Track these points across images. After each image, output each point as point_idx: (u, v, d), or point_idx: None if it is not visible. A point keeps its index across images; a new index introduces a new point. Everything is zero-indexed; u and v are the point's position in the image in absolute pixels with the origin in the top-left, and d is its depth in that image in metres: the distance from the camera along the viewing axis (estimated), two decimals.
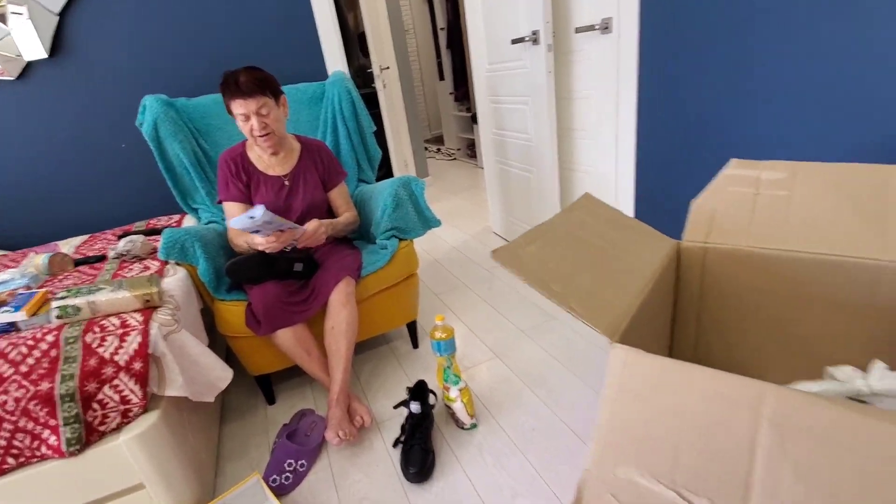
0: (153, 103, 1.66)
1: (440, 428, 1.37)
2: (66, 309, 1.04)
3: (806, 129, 1.25)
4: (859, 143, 1.09)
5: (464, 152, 4.97)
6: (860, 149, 1.09)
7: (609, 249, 0.50)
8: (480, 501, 1.13)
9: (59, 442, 0.96)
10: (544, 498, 1.11)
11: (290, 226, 1.35)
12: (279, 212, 1.49)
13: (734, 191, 0.57)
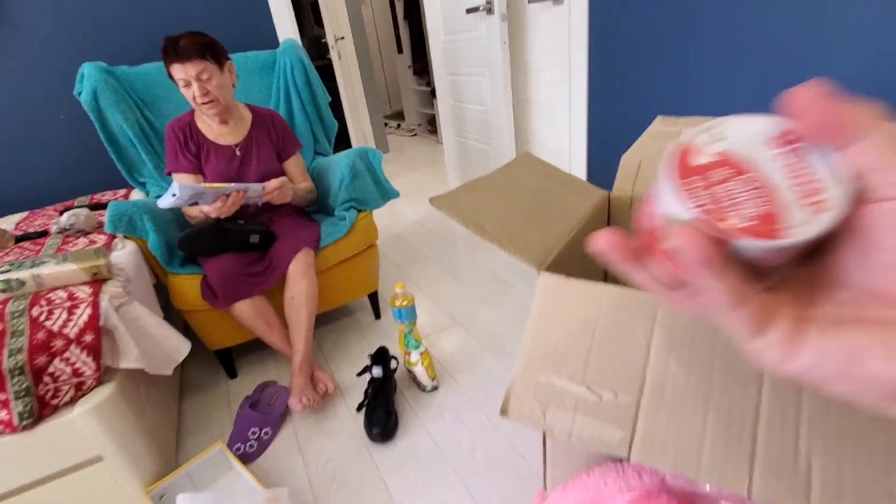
0: (92, 71, 1.57)
1: (402, 392, 1.42)
2: (9, 283, 1.00)
3: (739, 91, 1.35)
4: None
5: (424, 128, 4.94)
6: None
7: (542, 199, 0.55)
8: (441, 455, 1.20)
9: (10, 416, 0.93)
10: (500, 446, 1.19)
11: (235, 188, 1.31)
12: (231, 182, 1.46)
13: (657, 145, 0.62)
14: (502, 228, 0.45)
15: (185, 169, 1.45)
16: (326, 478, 1.17)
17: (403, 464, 1.19)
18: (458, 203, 0.47)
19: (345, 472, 1.18)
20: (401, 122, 5.33)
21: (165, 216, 1.42)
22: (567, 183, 0.60)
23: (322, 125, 1.94)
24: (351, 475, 1.17)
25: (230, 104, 1.46)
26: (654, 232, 0.21)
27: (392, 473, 1.17)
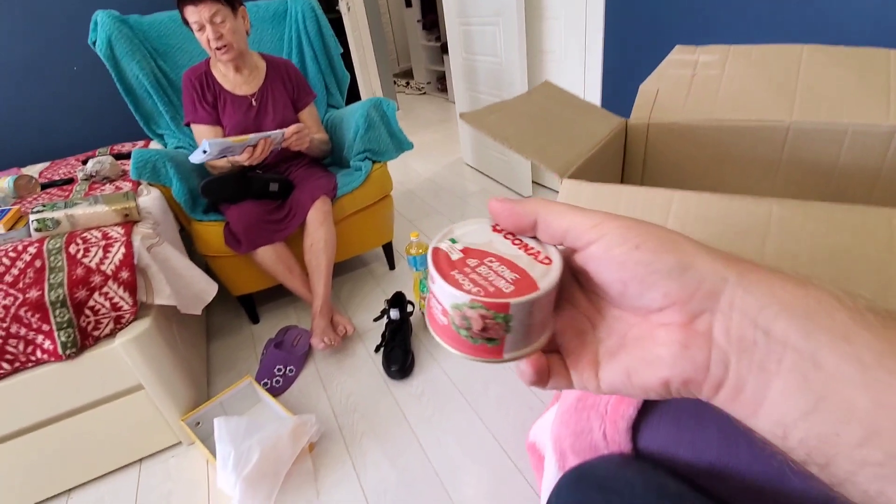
0: (105, 19, 1.57)
1: (418, 334, 1.49)
2: (45, 222, 1.05)
3: (754, 17, 1.34)
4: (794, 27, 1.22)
5: (434, 86, 4.85)
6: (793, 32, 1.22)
7: (562, 122, 0.57)
8: (456, 390, 1.27)
9: (54, 346, 1.01)
10: (512, 384, 1.25)
11: (260, 137, 1.34)
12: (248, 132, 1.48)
13: (674, 73, 0.63)
14: (526, 143, 0.48)
15: (203, 120, 1.47)
16: (349, 409, 1.25)
17: (421, 396, 1.26)
18: (484, 120, 0.50)
19: (366, 405, 1.26)
20: (410, 80, 5.23)
21: (186, 165, 1.45)
22: (586, 110, 0.62)
23: (334, 77, 1.93)
24: (372, 407, 1.25)
25: (244, 51, 1.46)
26: (448, 327, 0.24)
27: (410, 406, 1.24)
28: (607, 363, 0.25)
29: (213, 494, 1.09)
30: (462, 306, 0.23)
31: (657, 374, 0.22)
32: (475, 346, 0.24)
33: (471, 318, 0.23)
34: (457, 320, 0.23)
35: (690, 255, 0.21)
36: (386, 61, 3.75)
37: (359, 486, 1.06)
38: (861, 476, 0.18)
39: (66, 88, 1.90)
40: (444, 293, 0.23)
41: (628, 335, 0.24)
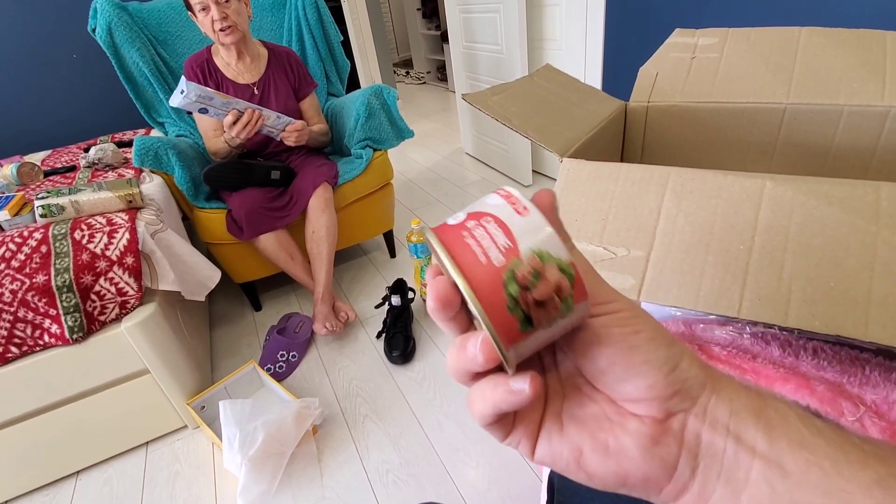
0: (105, 6, 1.56)
1: (419, 321, 1.50)
2: (49, 208, 1.06)
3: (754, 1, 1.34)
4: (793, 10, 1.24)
5: (434, 75, 4.83)
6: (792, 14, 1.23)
7: (563, 104, 0.58)
8: None
9: (61, 330, 1.02)
10: None
11: (248, 106, 1.31)
12: None
13: (674, 56, 0.64)
14: (527, 123, 0.49)
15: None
16: (351, 393, 1.27)
17: (422, 381, 1.28)
18: (486, 101, 0.51)
19: (368, 389, 1.28)
20: (409, 69, 5.21)
21: (188, 153, 1.46)
22: (587, 92, 0.63)
23: (335, 65, 1.93)
24: (374, 391, 1.27)
25: (247, 34, 1.46)
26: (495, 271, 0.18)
27: (411, 390, 1.26)
28: (553, 433, 0.22)
29: (219, 475, 1.11)
30: (550, 258, 0.18)
31: (616, 465, 0.21)
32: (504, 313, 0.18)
33: (546, 281, 0.18)
34: (521, 271, 0.18)
35: (679, 355, 0.21)
36: (386, 50, 3.73)
37: (362, 467, 1.08)
38: None
39: (66, 76, 1.90)
40: (535, 231, 0.18)
41: (589, 412, 0.22)
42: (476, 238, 0.19)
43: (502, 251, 0.18)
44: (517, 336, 0.19)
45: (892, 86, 0.52)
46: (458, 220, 0.20)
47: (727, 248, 0.35)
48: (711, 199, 0.36)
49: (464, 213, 0.20)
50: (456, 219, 0.20)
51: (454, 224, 0.20)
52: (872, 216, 0.32)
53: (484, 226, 0.19)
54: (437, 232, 0.20)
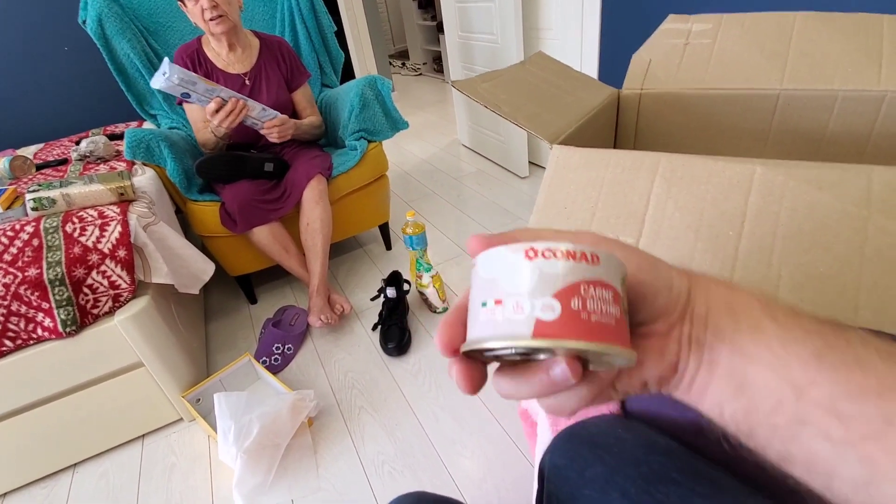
0: None
1: (415, 313, 1.50)
2: (41, 201, 1.05)
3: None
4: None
5: (430, 66, 4.79)
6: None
7: (554, 92, 0.57)
8: None
9: (54, 323, 1.02)
10: None
11: (232, 94, 1.27)
12: None
13: (667, 42, 0.63)
14: (518, 111, 0.49)
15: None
16: (347, 385, 1.27)
17: (418, 373, 1.28)
18: (477, 88, 0.50)
19: (364, 381, 1.28)
20: (405, 60, 5.17)
21: (180, 146, 1.45)
22: (579, 80, 0.62)
23: (328, 55, 1.90)
24: (369, 383, 1.27)
25: (237, 24, 1.43)
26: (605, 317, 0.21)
27: (407, 382, 1.26)
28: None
29: (215, 467, 1.11)
30: (625, 278, 0.22)
31: (639, 377, 0.24)
32: (618, 329, 0.21)
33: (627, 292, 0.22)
34: (625, 301, 0.22)
35: (668, 272, 0.24)
36: (381, 41, 3.69)
37: (357, 458, 1.08)
38: (775, 440, 0.21)
39: (57, 69, 1.87)
40: (613, 268, 0.21)
41: None
42: (597, 312, 0.20)
43: (613, 302, 0.21)
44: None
45: (889, 70, 0.51)
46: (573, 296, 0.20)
47: (717, 235, 0.34)
48: (701, 185, 0.36)
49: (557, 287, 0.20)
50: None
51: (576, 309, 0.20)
52: (863, 201, 0.31)
53: (593, 295, 0.20)
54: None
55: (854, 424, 0.19)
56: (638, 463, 0.38)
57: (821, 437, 0.20)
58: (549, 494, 0.43)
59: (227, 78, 1.48)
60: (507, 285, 0.20)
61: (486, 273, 0.21)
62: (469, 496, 0.97)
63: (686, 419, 0.43)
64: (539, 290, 0.20)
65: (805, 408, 0.20)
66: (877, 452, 0.18)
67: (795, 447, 0.21)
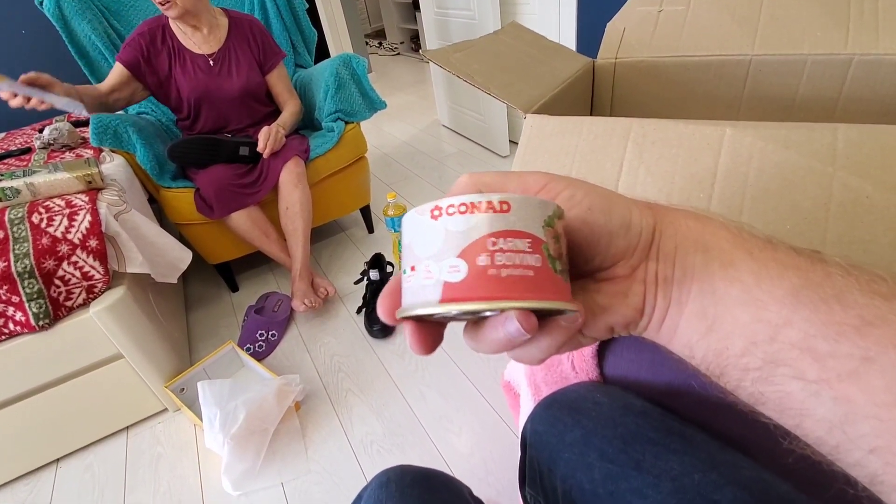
0: None
1: None
2: (3, 191, 1.01)
3: None
4: None
5: (407, 46, 4.70)
6: None
7: (528, 62, 0.56)
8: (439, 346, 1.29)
9: (26, 317, 0.99)
10: None
11: (10, 87, 1.12)
12: (209, 95, 1.43)
13: (641, 10, 0.63)
14: (491, 80, 0.48)
15: (123, 58, 1.37)
16: (333, 369, 1.27)
17: (404, 353, 1.28)
18: (449, 58, 0.49)
19: (350, 364, 1.28)
20: (382, 40, 5.05)
21: (149, 131, 1.40)
22: (553, 50, 0.62)
23: (301, 34, 1.85)
24: (356, 366, 1.27)
25: (193, 9, 1.34)
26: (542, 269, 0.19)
27: (393, 363, 1.27)
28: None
29: (202, 455, 1.11)
30: (554, 219, 0.19)
31: (603, 322, 0.23)
32: (565, 286, 0.20)
33: (560, 235, 0.19)
34: (552, 248, 0.19)
35: (627, 210, 0.22)
36: (356, 20, 3.60)
37: (346, 440, 1.09)
38: (746, 381, 0.20)
39: (15, 54, 1.78)
40: (528, 212, 0.19)
41: (576, 291, 0.24)
42: (495, 260, 0.18)
43: (531, 245, 0.19)
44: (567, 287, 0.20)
45: (855, 33, 0.51)
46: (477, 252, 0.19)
47: (687, 198, 0.35)
48: (672, 148, 0.36)
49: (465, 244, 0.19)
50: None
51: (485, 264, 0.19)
52: (829, 158, 0.32)
53: (502, 247, 0.19)
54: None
55: (830, 363, 0.18)
56: (615, 424, 0.38)
57: (794, 377, 0.19)
58: (531, 460, 0.44)
59: (193, 58, 1.42)
60: (419, 250, 0.19)
61: (405, 239, 0.21)
62: (457, 470, 0.99)
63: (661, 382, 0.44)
64: (445, 250, 0.19)
65: (779, 348, 0.19)
66: (853, 391, 0.17)
67: (767, 388, 0.20)
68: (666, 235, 0.22)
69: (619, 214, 0.22)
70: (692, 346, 0.22)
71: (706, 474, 0.32)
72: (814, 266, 0.20)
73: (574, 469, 0.38)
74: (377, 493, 0.42)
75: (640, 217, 0.22)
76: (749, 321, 0.20)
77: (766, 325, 0.19)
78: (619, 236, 0.22)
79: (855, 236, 0.30)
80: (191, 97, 1.43)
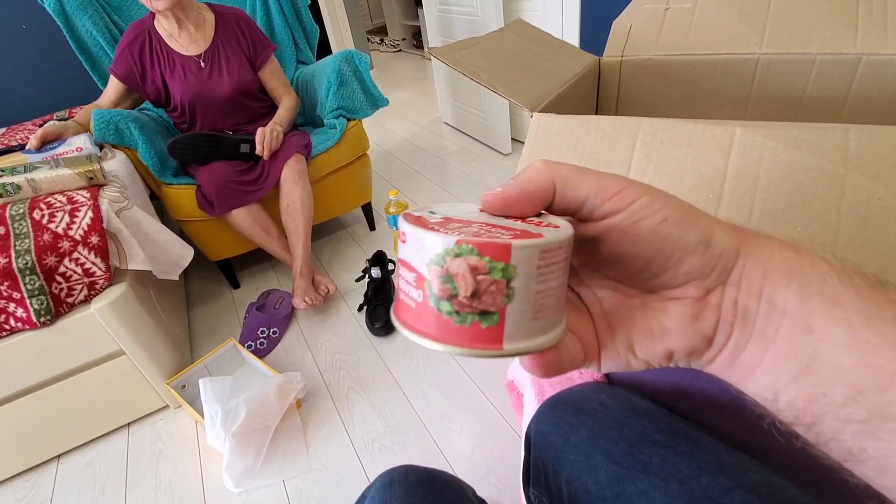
0: None
1: None
2: (4, 187, 1.00)
3: None
4: None
5: (409, 43, 4.68)
6: None
7: (534, 59, 0.56)
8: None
9: (27, 314, 0.98)
10: None
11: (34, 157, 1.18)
12: (202, 98, 1.42)
13: (648, 7, 0.62)
14: (496, 78, 0.47)
15: (119, 74, 1.38)
16: (335, 366, 1.27)
17: (405, 351, 1.28)
18: (455, 55, 0.49)
19: (351, 362, 1.28)
20: (384, 37, 5.04)
21: (151, 127, 1.40)
22: (559, 48, 0.61)
23: (303, 30, 1.84)
24: (357, 364, 1.27)
25: (188, 2, 1.34)
26: (425, 306, 0.18)
27: (395, 361, 1.27)
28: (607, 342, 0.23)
29: (203, 452, 1.11)
30: (444, 257, 0.17)
31: (663, 346, 0.22)
32: (463, 329, 0.18)
33: (456, 275, 0.17)
34: (436, 287, 0.18)
35: (709, 228, 0.20)
36: (358, 16, 3.58)
37: (347, 437, 1.09)
38: (845, 434, 0.18)
39: (15, 49, 1.78)
40: (418, 247, 0.18)
41: (627, 308, 0.23)
42: (400, 287, 0.20)
43: (416, 282, 0.18)
44: (491, 334, 0.18)
45: (864, 33, 0.51)
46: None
47: (696, 198, 0.34)
48: (681, 147, 0.35)
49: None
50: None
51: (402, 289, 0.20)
52: (840, 159, 0.31)
53: (402, 262, 0.20)
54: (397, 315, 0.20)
55: None
56: (621, 426, 0.38)
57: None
58: (535, 461, 0.44)
59: (183, 62, 1.40)
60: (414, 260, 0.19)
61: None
62: (458, 469, 0.99)
63: (667, 383, 0.44)
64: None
65: (891, 400, 0.17)
66: None
67: (871, 443, 0.17)
68: (753, 261, 0.20)
69: (697, 230, 0.20)
70: (777, 390, 0.20)
71: (714, 477, 0.32)
72: None
73: (580, 471, 0.38)
74: (381, 493, 0.42)
75: (723, 237, 0.21)
76: (854, 366, 0.18)
77: (876, 372, 0.17)
78: (696, 253, 0.20)
79: (867, 238, 0.30)
80: (184, 101, 1.42)
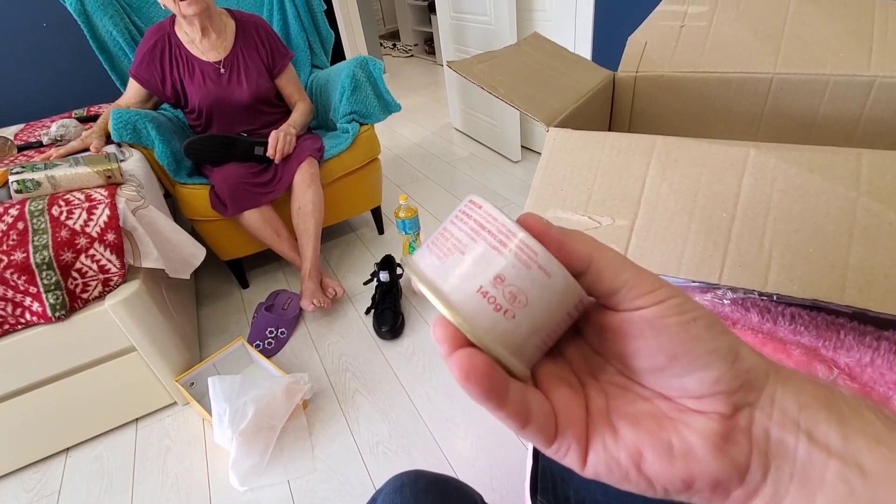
0: None
1: (408, 296, 1.51)
2: (24, 183, 1.03)
3: None
4: None
5: (421, 48, 4.72)
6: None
7: (550, 73, 0.57)
8: None
9: (43, 308, 1.00)
10: None
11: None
12: (220, 104, 1.44)
13: (663, 25, 0.63)
14: (514, 92, 0.48)
15: (140, 78, 1.41)
16: (341, 368, 1.28)
17: (412, 356, 1.29)
18: (472, 69, 0.50)
19: (357, 364, 1.29)
20: (396, 42, 5.08)
21: (167, 127, 1.42)
22: (574, 62, 0.62)
23: (318, 36, 1.87)
24: (363, 367, 1.28)
25: (211, 6, 1.36)
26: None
27: (401, 365, 1.27)
28: (606, 437, 0.20)
29: (210, 449, 1.12)
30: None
31: (685, 468, 0.18)
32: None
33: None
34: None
35: (737, 342, 0.19)
36: (371, 21, 3.62)
37: (352, 439, 1.09)
38: None
39: (36, 46, 1.81)
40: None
41: (643, 410, 0.20)
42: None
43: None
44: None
45: (879, 55, 0.51)
46: None
47: (710, 216, 0.35)
48: (696, 167, 0.36)
49: None
50: None
51: None
52: (853, 183, 0.32)
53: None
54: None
55: None
56: None
57: None
58: (543, 470, 0.44)
59: (204, 66, 1.43)
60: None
61: None
62: (463, 474, 1.00)
63: None
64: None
65: None
66: None
67: None
68: (785, 389, 0.19)
69: (726, 339, 0.19)
70: None
71: None
72: None
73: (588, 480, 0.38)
74: (392, 497, 0.43)
75: (751, 354, 0.19)
76: None
77: None
78: (725, 361, 0.18)
79: (877, 262, 0.30)
80: (202, 106, 1.44)
